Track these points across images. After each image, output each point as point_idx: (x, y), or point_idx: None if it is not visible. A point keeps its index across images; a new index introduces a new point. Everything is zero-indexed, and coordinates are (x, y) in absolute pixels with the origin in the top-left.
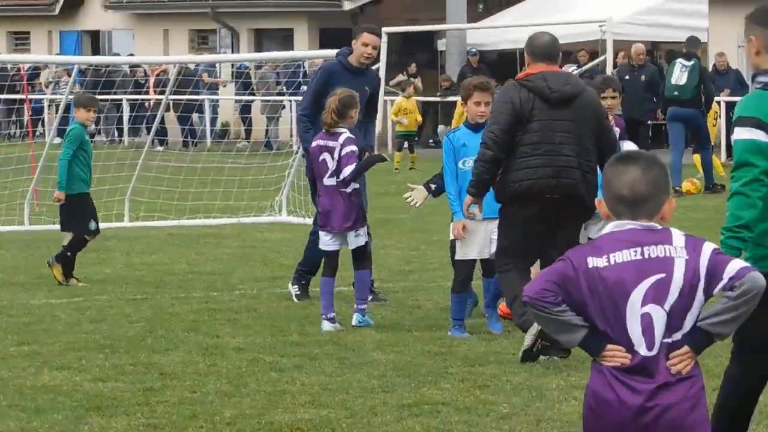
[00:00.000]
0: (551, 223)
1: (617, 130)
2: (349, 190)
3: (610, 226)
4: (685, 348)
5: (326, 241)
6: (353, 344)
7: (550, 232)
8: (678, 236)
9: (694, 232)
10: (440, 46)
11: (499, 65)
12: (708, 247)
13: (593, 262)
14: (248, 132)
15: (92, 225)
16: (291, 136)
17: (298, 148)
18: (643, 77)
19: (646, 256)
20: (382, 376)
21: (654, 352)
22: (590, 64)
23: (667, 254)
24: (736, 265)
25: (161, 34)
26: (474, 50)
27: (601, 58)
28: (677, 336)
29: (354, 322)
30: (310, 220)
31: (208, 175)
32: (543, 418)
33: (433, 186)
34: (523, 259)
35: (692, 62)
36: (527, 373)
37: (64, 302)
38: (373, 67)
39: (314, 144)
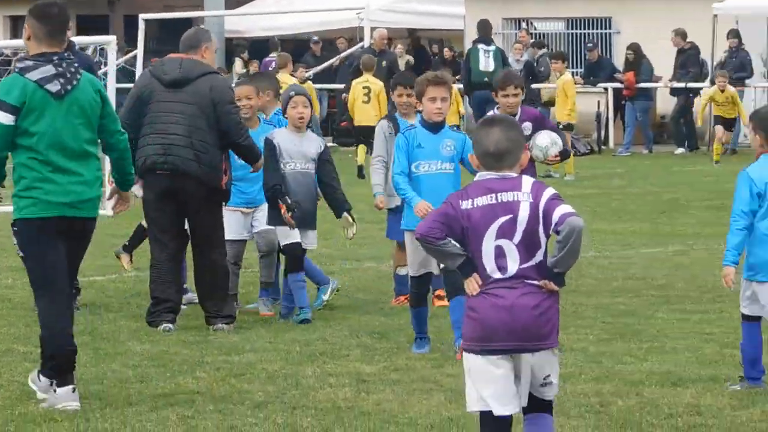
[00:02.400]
0: (180, 201)
1: (528, 125)
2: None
3: (477, 177)
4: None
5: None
6: (108, 334)
7: (186, 210)
8: (527, 182)
9: None
10: None
11: (257, 52)
12: (547, 193)
13: (464, 204)
14: None
15: None
16: None
17: None
18: (384, 63)
19: (499, 201)
20: (137, 366)
21: (509, 275)
22: (348, 52)
23: (515, 198)
24: (560, 211)
25: None
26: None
27: (359, 45)
28: (534, 261)
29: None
30: None
31: None
32: (298, 405)
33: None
34: (166, 238)
35: (493, 48)
36: (283, 362)
37: None
38: (131, 54)
39: None
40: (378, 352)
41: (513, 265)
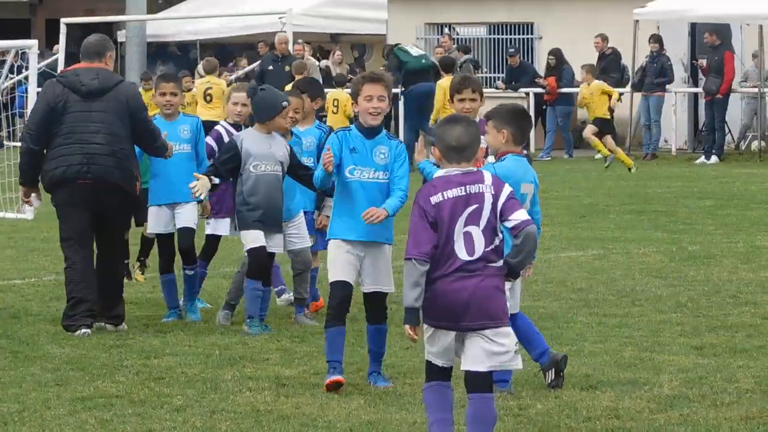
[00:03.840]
0: (98, 210)
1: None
2: None
3: (441, 171)
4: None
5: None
6: (27, 338)
7: (102, 219)
8: (488, 176)
9: None
10: (120, 37)
11: (180, 57)
12: (506, 191)
13: (434, 199)
14: None
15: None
16: None
17: None
18: (287, 68)
19: (467, 192)
20: (56, 369)
21: (475, 257)
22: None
23: (480, 191)
24: (519, 216)
25: None
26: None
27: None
28: (494, 245)
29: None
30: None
31: None
32: (217, 409)
33: (216, 180)
34: (81, 243)
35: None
36: (202, 365)
37: None
38: (53, 58)
39: None
40: (297, 356)
41: (479, 249)
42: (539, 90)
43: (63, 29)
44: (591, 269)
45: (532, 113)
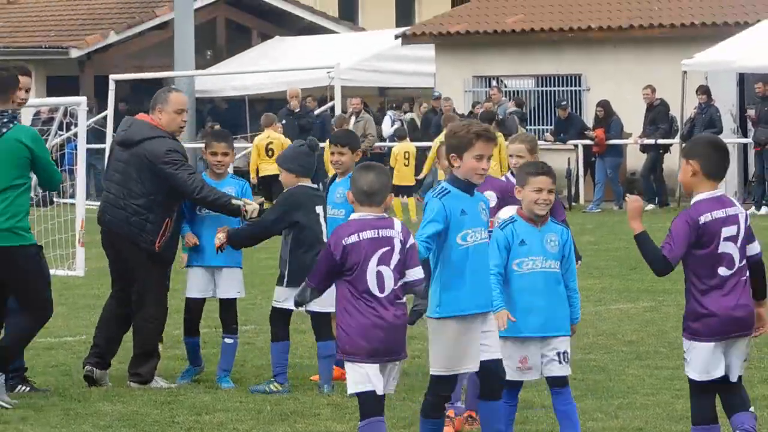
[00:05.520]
0: (117, 258)
1: (492, 194)
2: None
3: (356, 215)
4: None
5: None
6: (79, 395)
7: (124, 268)
8: (397, 223)
9: None
10: None
11: (228, 112)
12: (411, 239)
13: (348, 240)
14: None
15: None
16: None
17: None
18: (296, 123)
19: (379, 235)
20: (108, 426)
21: (386, 294)
22: (319, 110)
23: (391, 235)
24: (416, 273)
25: None
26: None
27: (330, 104)
28: (401, 282)
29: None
30: None
31: None
32: None
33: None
34: (113, 285)
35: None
36: (254, 421)
37: None
38: (102, 115)
39: None
40: (349, 411)
41: (389, 286)
42: (588, 142)
43: (112, 86)
44: (642, 321)
45: (580, 165)
